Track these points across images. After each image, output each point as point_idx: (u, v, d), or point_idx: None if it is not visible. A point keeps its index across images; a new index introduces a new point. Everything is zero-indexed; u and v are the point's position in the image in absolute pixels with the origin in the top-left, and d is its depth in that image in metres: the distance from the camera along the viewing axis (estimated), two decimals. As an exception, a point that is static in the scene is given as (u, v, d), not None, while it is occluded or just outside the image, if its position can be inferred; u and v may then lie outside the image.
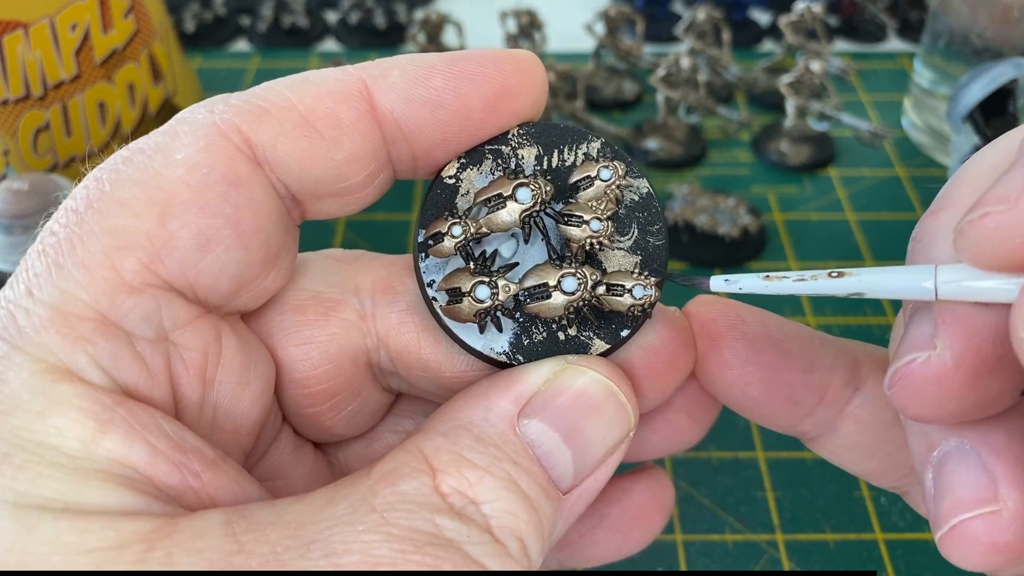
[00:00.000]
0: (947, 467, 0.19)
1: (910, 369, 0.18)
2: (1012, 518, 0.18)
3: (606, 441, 0.21)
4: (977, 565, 0.18)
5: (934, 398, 0.18)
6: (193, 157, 0.19)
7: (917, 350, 0.18)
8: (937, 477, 0.19)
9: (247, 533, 0.16)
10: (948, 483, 0.19)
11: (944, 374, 0.18)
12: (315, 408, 0.23)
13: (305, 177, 0.20)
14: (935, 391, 0.18)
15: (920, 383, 0.18)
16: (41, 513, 0.16)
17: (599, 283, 0.22)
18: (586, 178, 0.22)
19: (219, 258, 0.20)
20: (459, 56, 0.21)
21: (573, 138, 0.23)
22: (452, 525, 0.17)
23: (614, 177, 0.22)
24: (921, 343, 0.18)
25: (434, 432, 0.20)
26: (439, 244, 0.22)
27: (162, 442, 0.18)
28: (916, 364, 0.18)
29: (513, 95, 0.21)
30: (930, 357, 0.18)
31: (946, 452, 0.19)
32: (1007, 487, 0.18)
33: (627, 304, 0.21)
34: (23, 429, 0.17)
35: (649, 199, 0.23)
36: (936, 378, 0.18)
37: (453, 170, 0.22)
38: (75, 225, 0.19)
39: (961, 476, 0.19)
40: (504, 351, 0.22)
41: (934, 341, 0.18)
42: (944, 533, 0.19)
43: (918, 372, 0.18)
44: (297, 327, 0.22)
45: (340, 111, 0.20)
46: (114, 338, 0.18)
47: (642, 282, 0.22)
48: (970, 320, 0.17)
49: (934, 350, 0.18)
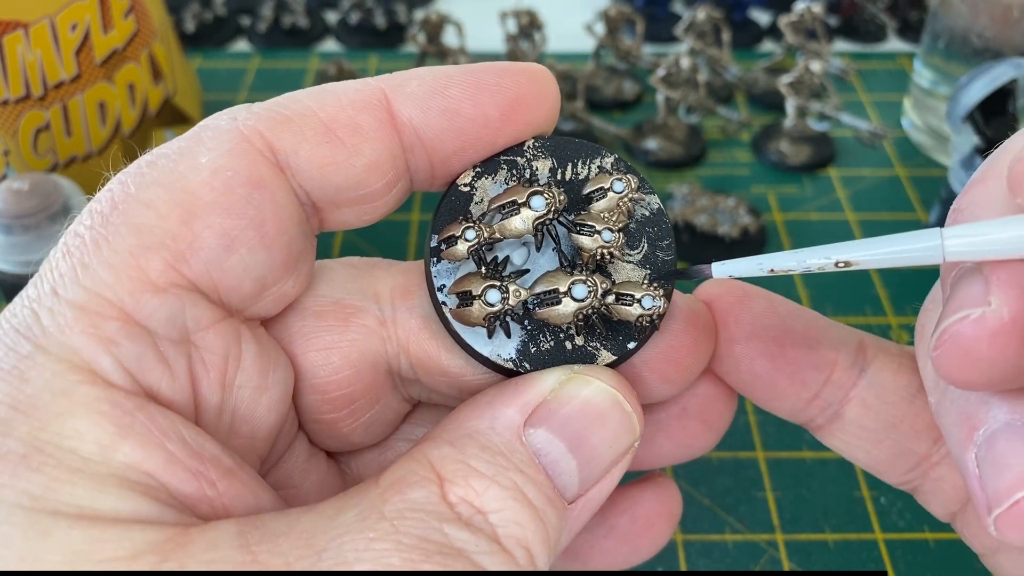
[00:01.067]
0: (1000, 444, 0.18)
1: (961, 327, 0.17)
2: None
3: (611, 451, 0.21)
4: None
5: (987, 358, 0.17)
6: (217, 161, 0.20)
7: (969, 307, 0.17)
8: (986, 456, 0.19)
9: (260, 544, 0.16)
10: (1004, 460, 0.18)
11: (1000, 331, 0.17)
12: (333, 414, 0.23)
13: (325, 183, 0.21)
14: (989, 350, 0.17)
15: (973, 341, 0.17)
16: (55, 519, 0.16)
17: (609, 292, 0.22)
18: (599, 190, 0.22)
19: (243, 259, 0.20)
20: (475, 68, 0.21)
21: (587, 152, 0.23)
22: (461, 535, 0.18)
23: (627, 190, 0.22)
24: (973, 300, 0.17)
25: (441, 441, 0.20)
26: (452, 247, 0.22)
27: (180, 449, 0.18)
28: (968, 321, 0.17)
29: (528, 105, 0.22)
30: (984, 314, 0.17)
31: (996, 429, 0.18)
32: None
33: (636, 314, 0.22)
34: (42, 431, 0.17)
35: (660, 215, 0.23)
36: (992, 335, 0.17)
37: (468, 178, 0.23)
38: (100, 226, 0.19)
39: (1018, 451, 0.18)
40: (511, 358, 0.22)
41: (987, 298, 0.17)
42: (1004, 511, 0.18)
43: (970, 330, 0.17)
44: (318, 332, 0.23)
45: (360, 119, 0.21)
46: (138, 339, 0.18)
47: (651, 293, 0.22)
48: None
49: (988, 307, 0.17)
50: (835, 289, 0.54)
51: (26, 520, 0.16)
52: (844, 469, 0.44)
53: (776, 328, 0.24)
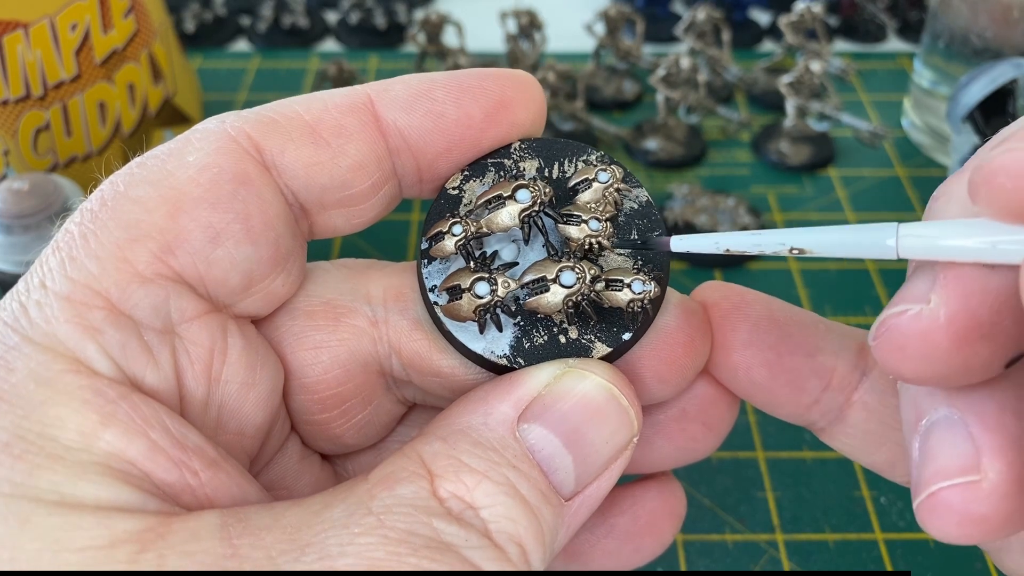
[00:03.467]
0: (934, 435, 0.19)
1: (898, 320, 0.18)
2: (991, 489, 0.18)
3: (608, 447, 0.21)
4: (950, 536, 0.18)
5: (918, 354, 0.17)
6: (204, 159, 0.20)
7: (910, 302, 0.18)
8: (922, 445, 0.19)
9: (242, 537, 0.16)
10: (932, 451, 0.19)
11: (933, 330, 0.17)
12: (325, 415, 0.23)
13: (311, 183, 0.21)
14: (920, 347, 0.17)
15: (906, 336, 0.18)
16: (35, 506, 0.16)
17: (597, 278, 0.21)
18: (584, 181, 0.22)
19: (229, 252, 0.20)
20: (460, 72, 0.22)
21: (573, 151, 0.23)
22: (450, 529, 0.17)
23: (611, 179, 0.22)
24: (916, 296, 0.18)
25: (432, 437, 0.20)
26: (439, 243, 0.22)
27: (163, 438, 0.18)
28: (905, 316, 0.18)
29: (511, 107, 0.22)
30: (921, 311, 0.17)
31: (934, 421, 0.19)
32: (990, 458, 0.18)
33: (626, 299, 0.21)
34: (25, 419, 0.17)
35: (648, 207, 0.23)
36: (924, 333, 0.17)
37: (457, 182, 0.23)
38: (89, 222, 0.19)
39: (946, 444, 0.18)
40: (504, 354, 0.22)
41: (929, 296, 0.17)
42: (921, 501, 0.18)
43: (905, 325, 0.18)
44: (308, 331, 0.23)
45: (345, 120, 0.21)
46: (123, 327, 0.19)
47: (641, 277, 0.21)
48: (972, 280, 0.17)
49: (927, 304, 0.17)
50: (835, 289, 0.54)
51: (5, 507, 0.16)
52: (844, 469, 0.44)
53: (774, 336, 0.24)
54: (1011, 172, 0.15)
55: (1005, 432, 0.18)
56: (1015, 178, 0.15)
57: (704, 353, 0.24)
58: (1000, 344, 0.17)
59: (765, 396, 0.24)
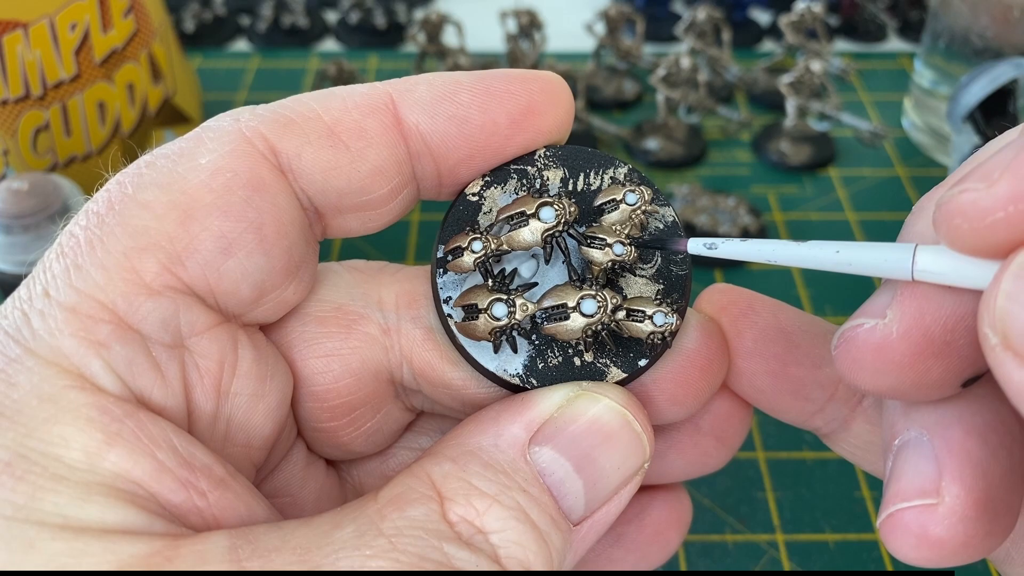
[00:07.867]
0: (902, 455, 0.19)
1: (855, 333, 0.18)
2: (947, 513, 0.18)
3: (619, 472, 0.20)
4: (908, 557, 0.18)
5: (872, 367, 0.18)
6: (217, 162, 0.19)
7: (868, 316, 0.18)
8: (892, 464, 0.19)
9: (252, 559, 0.16)
10: (898, 471, 0.19)
11: (885, 345, 0.18)
12: (333, 423, 0.23)
13: (328, 188, 0.20)
14: (873, 360, 0.18)
15: (861, 349, 0.18)
16: (39, 530, 0.15)
17: (619, 307, 0.21)
18: (611, 201, 0.22)
19: (241, 263, 0.19)
20: (487, 74, 0.21)
21: (600, 163, 0.22)
22: (461, 554, 0.17)
23: (640, 202, 0.22)
24: (874, 311, 0.18)
25: (443, 457, 0.19)
26: (458, 259, 0.21)
27: (170, 458, 0.17)
28: (862, 329, 0.18)
29: (539, 113, 0.21)
30: (876, 325, 0.18)
31: (905, 441, 0.19)
32: (949, 481, 0.18)
33: (647, 331, 0.21)
34: (28, 437, 0.16)
35: (674, 227, 0.22)
36: (876, 347, 0.18)
37: (477, 187, 0.22)
38: (95, 227, 0.18)
39: (911, 466, 0.19)
40: (518, 374, 0.21)
41: (886, 311, 0.18)
42: (882, 520, 0.19)
43: (861, 337, 0.18)
44: (319, 339, 0.22)
45: (366, 123, 0.20)
46: (130, 343, 0.18)
47: (663, 309, 0.21)
48: (927, 299, 0.17)
49: (883, 319, 0.18)
50: (835, 289, 0.54)
51: (8, 531, 0.15)
52: (844, 469, 0.44)
53: (780, 346, 0.23)
54: (966, 214, 0.15)
55: (967, 456, 0.18)
56: (970, 220, 0.15)
57: (721, 375, 0.23)
58: (954, 363, 0.17)
59: (769, 402, 0.24)
